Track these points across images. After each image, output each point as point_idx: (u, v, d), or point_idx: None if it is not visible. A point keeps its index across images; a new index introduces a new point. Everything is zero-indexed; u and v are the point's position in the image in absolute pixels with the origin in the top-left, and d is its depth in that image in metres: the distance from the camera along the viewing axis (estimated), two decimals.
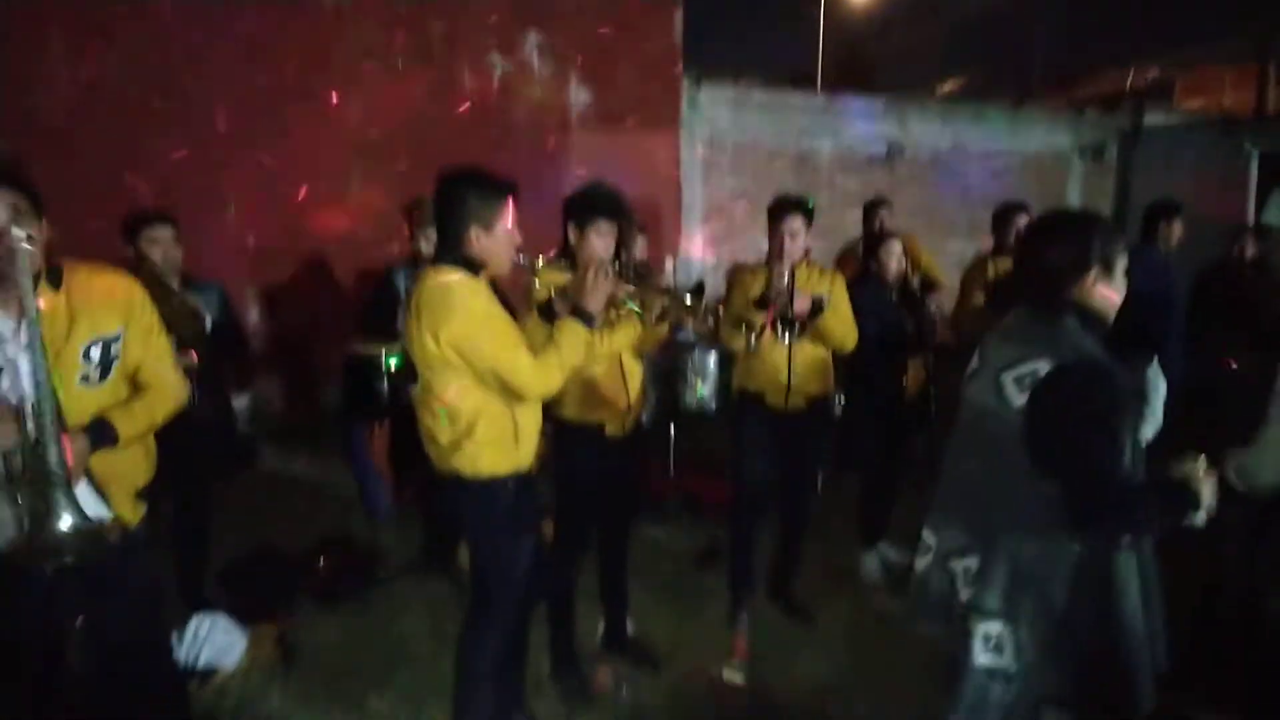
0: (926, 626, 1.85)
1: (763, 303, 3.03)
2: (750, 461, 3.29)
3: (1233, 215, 6.38)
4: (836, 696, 2.90)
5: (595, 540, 3.02)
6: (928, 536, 1.86)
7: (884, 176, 8.06)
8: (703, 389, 4.28)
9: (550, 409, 2.74)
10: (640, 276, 2.72)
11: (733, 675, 3.01)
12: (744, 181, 7.61)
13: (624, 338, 2.47)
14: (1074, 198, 8.77)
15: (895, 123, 8.18)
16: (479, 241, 2.12)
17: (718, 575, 3.63)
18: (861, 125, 8.02)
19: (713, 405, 4.32)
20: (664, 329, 2.69)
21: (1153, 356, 2.04)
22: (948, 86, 11.12)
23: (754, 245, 7.45)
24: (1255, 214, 6.74)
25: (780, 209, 3.09)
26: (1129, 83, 10.95)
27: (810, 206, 3.13)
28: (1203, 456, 1.60)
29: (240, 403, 5.57)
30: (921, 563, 1.86)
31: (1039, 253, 1.71)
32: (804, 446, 3.30)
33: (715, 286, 7.37)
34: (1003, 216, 4.16)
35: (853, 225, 5.75)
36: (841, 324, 3.15)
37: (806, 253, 3.16)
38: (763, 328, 3.03)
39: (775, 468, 3.31)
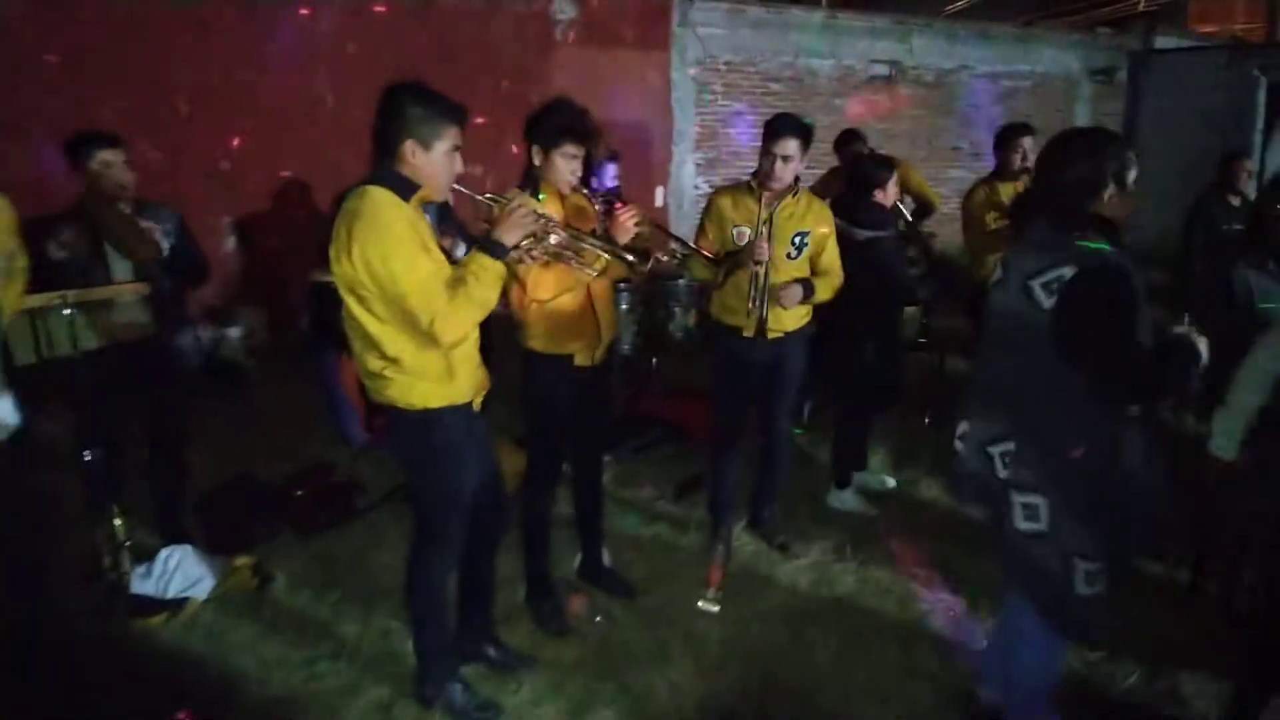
0: (964, 500, 2.22)
1: (734, 260, 2.87)
2: (727, 393, 3.24)
3: (1239, 143, 6.14)
4: (809, 625, 2.91)
5: (571, 470, 2.99)
6: (965, 427, 2.12)
7: (886, 99, 7.77)
8: (684, 319, 4.19)
9: (518, 338, 2.67)
10: (607, 205, 2.58)
11: (708, 605, 3.01)
12: (738, 104, 7.33)
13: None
14: (1082, 120, 8.46)
15: (898, 42, 7.83)
16: (414, 158, 1.99)
17: (698, 504, 3.62)
18: (864, 43, 7.67)
19: (694, 333, 4.23)
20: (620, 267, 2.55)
21: None
22: (956, 4, 10.61)
23: (748, 173, 7.22)
24: (1262, 143, 6.50)
25: (776, 129, 2.92)
26: (1141, 3, 10.43)
27: (810, 129, 2.96)
28: (1187, 315, 1.84)
29: (233, 331, 5.53)
30: (961, 448, 2.13)
31: (1059, 171, 1.88)
32: (781, 376, 3.22)
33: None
34: (1005, 138, 3.98)
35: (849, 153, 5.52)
36: (827, 291, 3.05)
37: (796, 180, 3.02)
38: (730, 269, 2.86)
39: (753, 398, 3.26)
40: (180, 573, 2.85)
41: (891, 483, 4.00)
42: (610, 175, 4.18)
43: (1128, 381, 1.83)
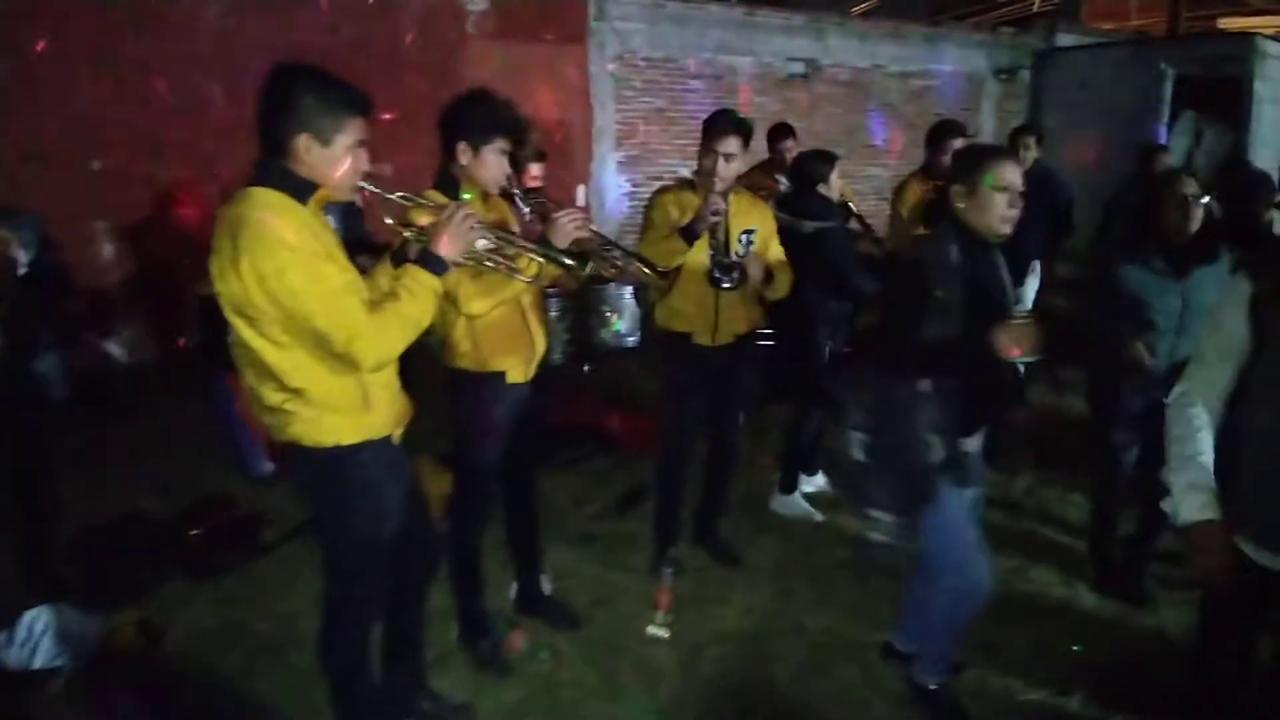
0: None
1: (688, 235, 2.71)
2: (681, 403, 3.06)
3: (1145, 136, 6.41)
4: (766, 645, 2.77)
5: (502, 495, 2.74)
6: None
7: (804, 96, 7.77)
8: (619, 324, 3.99)
9: (443, 358, 2.41)
10: (538, 206, 2.35)
11: (658, 630, 2.82)
12: (659, 101, 7.18)
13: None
14: (988, 118, 8.73)
15: (814, 39, 7.86)
16: (309, 155, 1.69)
17: (641, 520, 3.43)
18: (780, 41, 7.65)
19: (630, 341, 4.04)
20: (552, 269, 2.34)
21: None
22: (864, 5, 10.81)
23: (671, 170, 7.11)
24: (1167, 135, 6.82)
25: (716, 126, 2.78)
26: (1038, 3, 10.90)
27: (750, 126, 2.83)
28: (1024, 309, 1.93)
29: (113, 348, 4.97)
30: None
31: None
32: (733, 384, 3.08)
33: (630, 214, 7.03)
34: (936, 138, 3.94)
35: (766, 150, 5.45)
36: (784, 284, 2.92)
37: (738, 179, 2.88)
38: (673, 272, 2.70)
39: (705, 407, 3.10)
40: (49, 637, 2.44)
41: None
42: (532, 176, 3.93)
43: (896, 360, 2.08)
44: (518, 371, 2.41)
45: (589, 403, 4.39)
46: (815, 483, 3.85)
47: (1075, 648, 2.73)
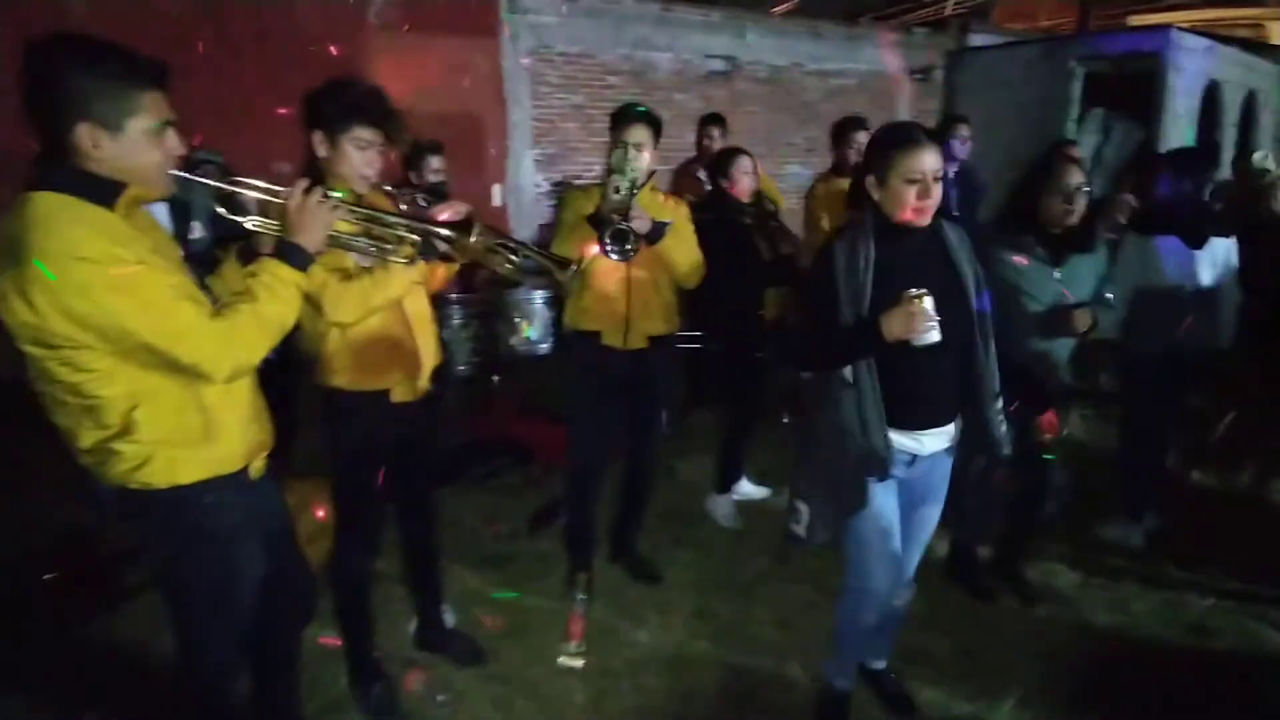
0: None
1: (596, 222, 2.55)
2: (588, 410, 2.87)
3: (1056, 133, 6.54)
4: (685, 672, 2.60)
5: (397, 522, 2.50)
6: None
7: (724, 94, 7.69)
8: (529, 330, 3.77)
9: (316, 376, 2.15)
10: (430, 202, 2.12)
11: (570, 661, 2.62)
12: (577, 97, 6.97)
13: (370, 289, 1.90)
14: (904, 116, 8.83)
15: (733, 37, 7.79)
16: (99, 149, 1.41)
17: (556, 538, 3.22)
18: (699, 37, 7.56)
19: (542, 348, 3.83)
20: (450, 267, 2.14)
21: None
22: (784, 6, 10.86)
23: (592, 169, 6.93)
24: (1076, 131, 6.99)
25: (624, 116, 2.66)
26: (950, 5, 11.15)
27: (659, 118, 2.70)
28: (912, 290, 1.82)
29: None
30: None
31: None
32: (648, 389, 2.91)
33: (550, 215, 6.80)
34: (839, 133, 3.88)
35: (692, 147, 5.34)
36: (688, 252, 2.75)
37: (651, 174, 2.71)
38: (579, 274, 2.51)
39: (617, 415, 2.92)
40: None
41: (762, 492, 3.79)
42: (431, 170, 3.67)
43: (799, 347, 2.18)
44: (403, 389, 2.17)
45: (499, 414, 4.15)
46: (741, 490, 3.73)
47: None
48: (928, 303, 1.80)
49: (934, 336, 1.83)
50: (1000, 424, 2.05)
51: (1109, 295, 2.74)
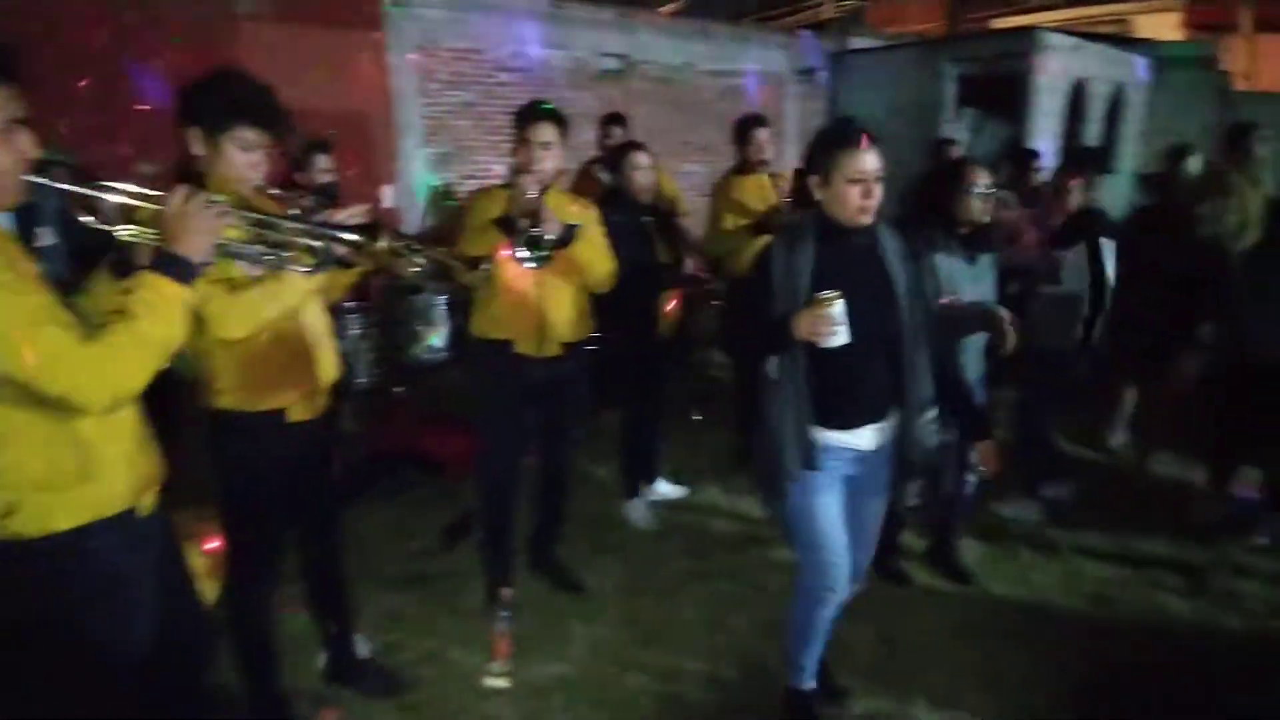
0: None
1: (505, 226, 2.44)
2: (501, 419, 2.76)
3: (933, 131, 6.88)
4: (616, 682, 2.53)
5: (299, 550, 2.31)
6: None
7: (619, 93, 7.65)
8: (433, 338, 3.60)
9: (200, 398, 1.95)
10: (321, 204, 1.96)
11: (494, 682, 2.51)
12: (468, 95, 6.75)
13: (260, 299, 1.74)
14: (791, 117, 9.09)
15: (626, 35, 7.77)
16: None
17: (473, 553, 3.08)
18: (591, 35, 7.50)
19: (446, 355, 3.67)
20: (352, 274, 1.98)
21: None
22: (672, 5, 10.96)
23: (487, 169, 6.72)
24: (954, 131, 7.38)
25: (530, 114, 2.56)
26: (831, 9, 11.58)
27: (564, 116, 2.61)
28: (824, 293, 1.86)
29: None
30: None
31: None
32: (563, 396, 2.82)
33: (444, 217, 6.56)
34: (741, 131, 3.90)
35: (588, 146, 5.28)
36: (600, 257, 2.69)
37: (558, 175, 2.63)
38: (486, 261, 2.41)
39: (531, 423, 2.82)
40: None
41: (678, 492, 3.77)
42: (319, 169, 3.44)
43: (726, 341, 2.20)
44: (300, 407, 2.00)
45: (404, 426, 3.95)
46: (658, 490, 3.70)
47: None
48: (837, 306, 1.83)
49: (838, 340, 1.86)
50: (927, 435, 2.09)
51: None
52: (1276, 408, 3.16)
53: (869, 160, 1.92)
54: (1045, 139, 6.95)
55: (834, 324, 1.84)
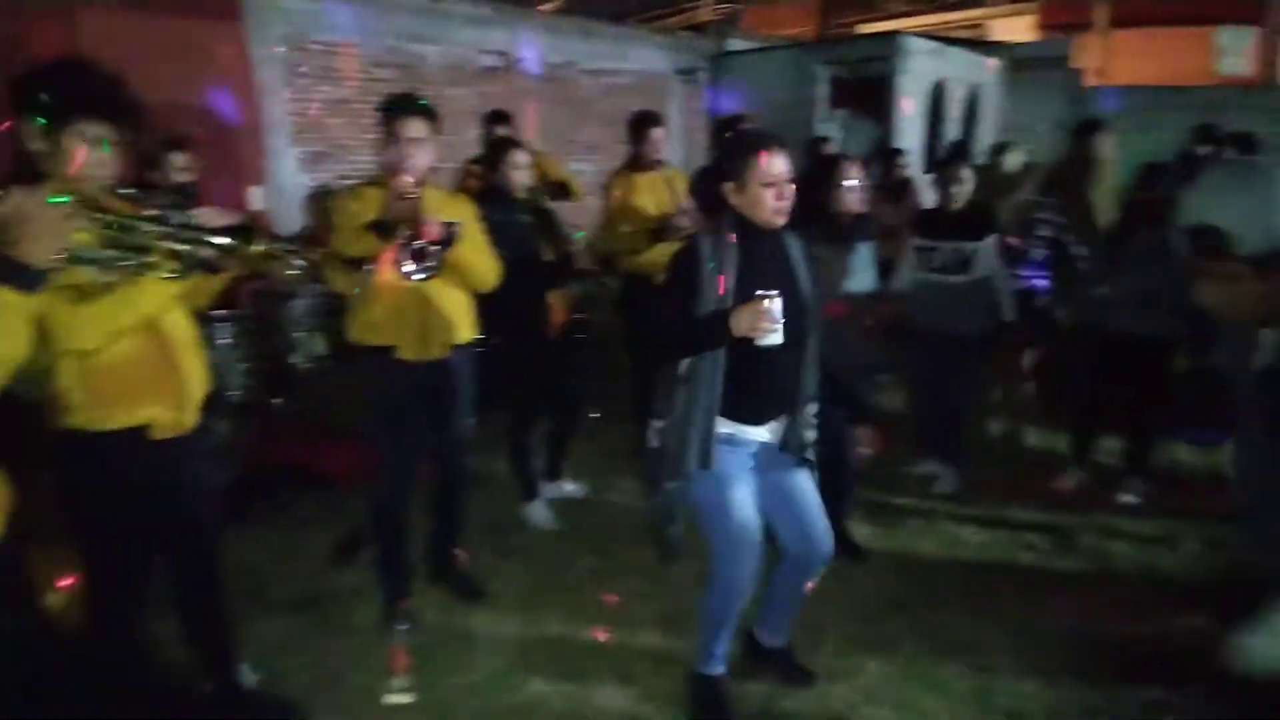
0: None
1: (381, 230, 2.33)
2: (389, 429, 2.64)
3: (807, 132, 7.16)
4: (523, 688, 2.49)
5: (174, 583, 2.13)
6: None
7: (500, 90, 7.53)
8: (311, 343, 3.41)
9: (48, 417, 1.76)
10: (178, 205, 1.81)
11: (397, 697, 2.41)
12: (342, 91, 6.46)
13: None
14: (675, 116, 9.22)
15: (506, 32, 7.65)
16: None
17: (366, 568, 2.94)
18: (470, 32, 7.34)
19: (327, 361, 3.49)
20: (217, 279, 1.85)
21: None
22: (550, 4, 10.90)
23: (362, 168, 6.44)
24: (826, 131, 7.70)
25: (397, 109, 2.45)
26: (708, 12, 11.87)
27: (434, 110, 2.52)
28: (764, 292, 1.93)
29: None
30: None
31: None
32: (453, 400, 2.74)
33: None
34: (635, 129, 3.92)
35: (470, 145, 5.17)
36: (480, 255, 2.62)
37: (431, 172, 2.53)
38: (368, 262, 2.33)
39: (421, 430, 2.72)
40: None
41: (579, 490, 3.74)
42: (176, 169, 3.20)
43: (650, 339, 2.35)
44: (165, 424, 1.84)
45: (285, 440, 3.72)
46: (559, 489, 3.67)
47: None
48: (776, 304, 1.92)
49: (776, 338, 1.95)
50: (809, 428, 2.20)
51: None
52: (1127, 378, 3.51)
53: (780, 164, 2.01)
54: (910, 138, 7.38)
55: (774, 321, 1.92)
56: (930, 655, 2.62)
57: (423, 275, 2.39)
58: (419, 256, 2.37)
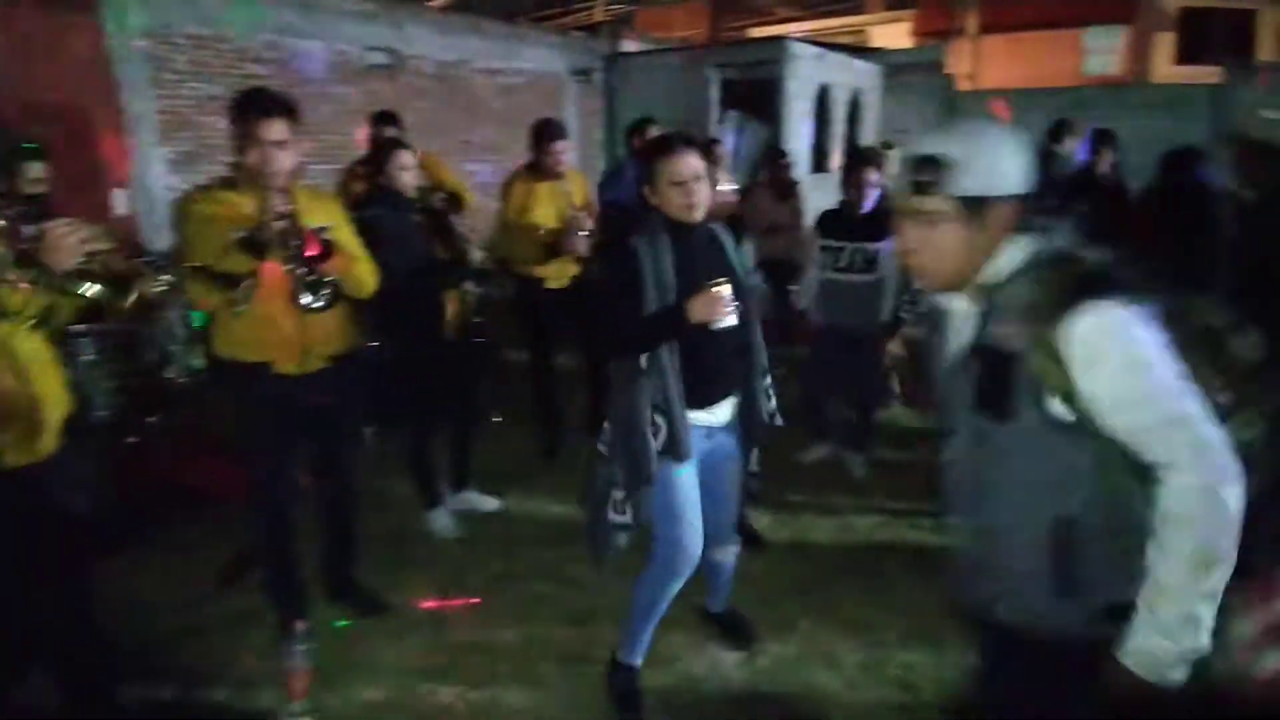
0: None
1: (253, 247, 2.18)
2: (267, 447, 2.52)
3: (704, 132, 7.31)
4: (430, 700, 2.44)
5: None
6: None
7: (388, 88, 7.33)
8: (185, 358, 3.22)
9: None
10: (29, 216, 1.68)
11: None
12: (214, 87, 6.10)
13: None
14: (571, 116, 9.22)
15: (392, 28, 7.44)
16: None
17: (255, 591, 2.80)
18: (355, 27, 7.09)
19: (201, 376, 3.30)
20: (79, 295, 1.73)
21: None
22: (439, 0, 10.66)
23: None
24: (719, 132, 7.88)
25: (250, 108, 2.25)
26: (601, 12, 11.90)
27: (294, 106, 2.33)
28: (715, 280, 2.05)
29: None
30: None
31: None
32: (336, 412, 2.64)
33: None
34: (538, 139, 3.87)
35: (357, 145, 5.00)
36: (358, 262, 2.51)
37: (297, 171, 2.38)
38: (252, 281, 2.21)
39: (303, 446, 2.64)
40: None
41: (491, 503, 3.68)
42: (29, 178, 2.94)
43: (608, 339, 2.30)
44: (17, 451, 1.71)
45: (162, 460, 3.50)
46: (467, 500, 3.60)
47: None
48: (727, 289, 2.04)
49: (732, 320, 2.07)
50: (767, 401, 2.37)
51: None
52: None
53: (688, 164, 2.10)
54: (798, 139, 7.67)
55: (728, 306, 2.04)
56: (826, 634, 2.74)
57: (322, 304, 2.30)
58: (313, 286, 2.27)
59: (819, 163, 8.55)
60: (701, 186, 2.13)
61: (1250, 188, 3.63)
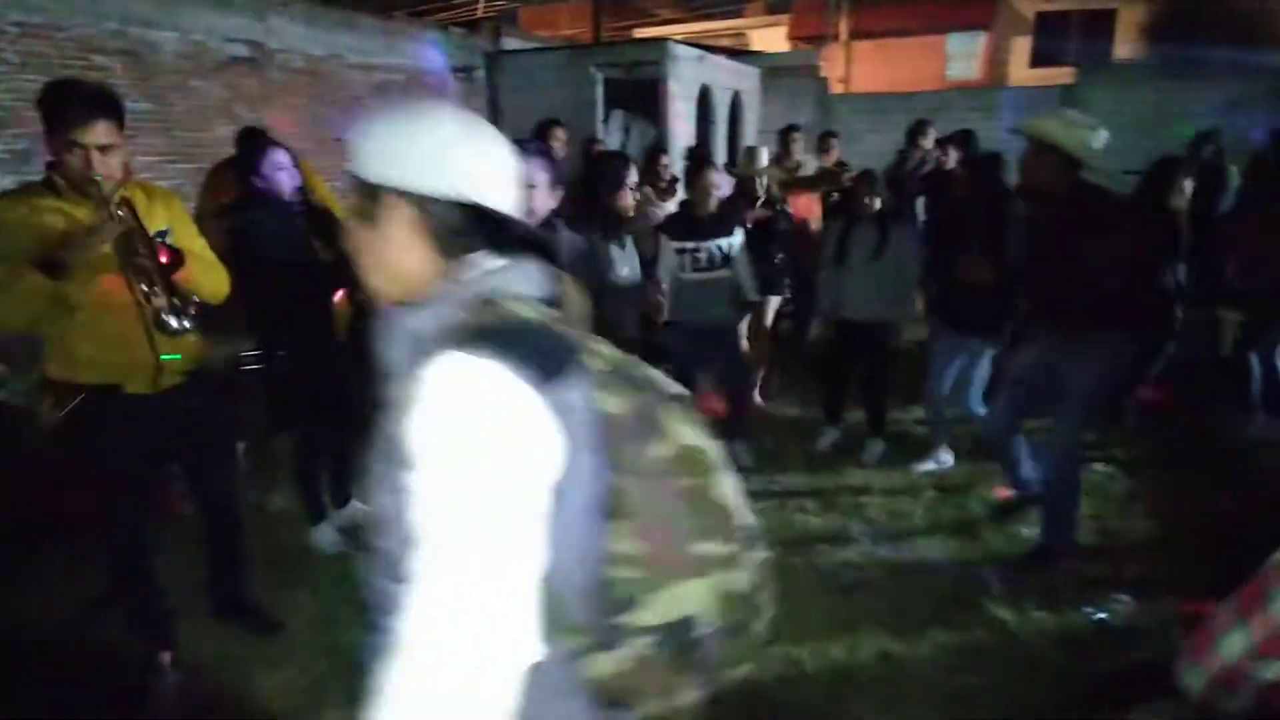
0: None
1: (52, 267, 1.98)
2: (120, 475, 2.31)
3: (587, 130, 7.30)
4: (314, 712, 2.33)
5: None
6: None
7: (254, 84, 6.92)
8: (19, 380, 2.94)
9: None
10: None
11: None
12: (49, 79, 5.55)
13: None
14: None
15: (253, 19, 7.02)
16: None
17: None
18: (213, 17, 6.65)
19: (29, 399, 3.03)
20: None
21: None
22: None
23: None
24: (604, 131, 7.89)
25: (67, 107, 2.01)
26: (481, 8, 11.68)
27: (116, 101, 2.11)
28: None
29: None
30: None
31: None
32: (203, 429, 2.47)
33: None
34: None
35: (220, 142, 4.70)
36: (210, 269, 2.34)
37: (128, 171, 2.19)
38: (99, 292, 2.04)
39: (164, 468, 2.53)
40: None
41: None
42: None
43: None
44: None
45: (15, 487, 3.16)
46: (348, 515, 3.45)
47: None
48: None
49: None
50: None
51: None
52: (859, 355, 4.12)
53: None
54: (681, 139, 7.80)
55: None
56: None
57: (188, 325, 2.14)
58: (179, 310, 2.10)
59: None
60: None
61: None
